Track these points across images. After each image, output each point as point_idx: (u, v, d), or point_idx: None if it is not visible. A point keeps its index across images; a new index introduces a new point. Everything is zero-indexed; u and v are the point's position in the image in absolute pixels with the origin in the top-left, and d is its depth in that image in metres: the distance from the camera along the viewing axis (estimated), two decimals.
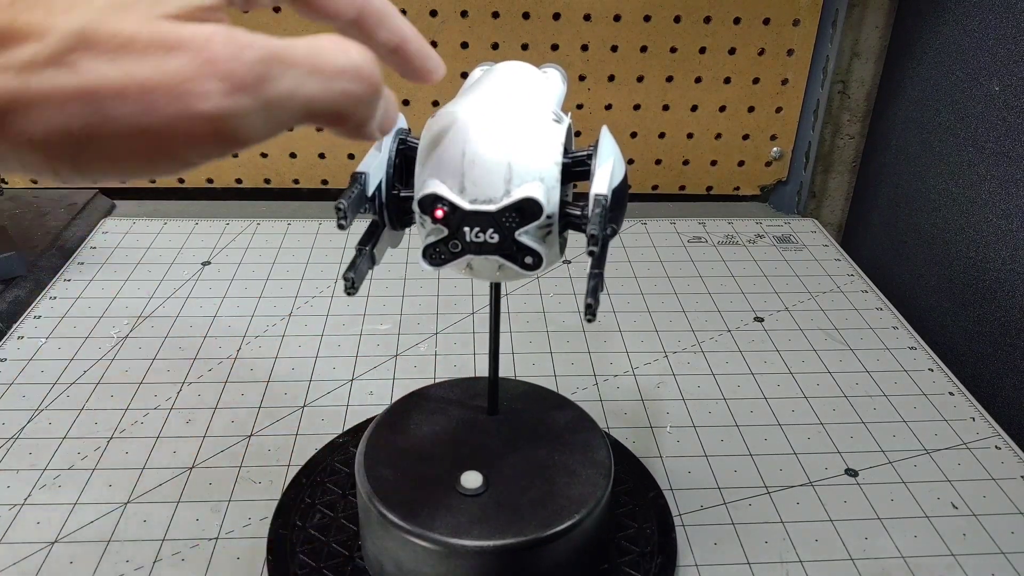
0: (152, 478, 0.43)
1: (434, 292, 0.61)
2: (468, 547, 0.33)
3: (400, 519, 0.34)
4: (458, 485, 0.36)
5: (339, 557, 0.38)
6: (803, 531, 0.41)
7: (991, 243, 0.58)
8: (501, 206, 0.29)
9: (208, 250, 0.66)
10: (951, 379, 0.53)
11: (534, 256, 0.30)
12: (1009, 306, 0.56)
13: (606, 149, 0.30)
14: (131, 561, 0.38)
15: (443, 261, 0.31)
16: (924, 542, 0.41)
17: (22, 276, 0.60)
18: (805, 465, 0.45)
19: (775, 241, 0.70)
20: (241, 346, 0.54)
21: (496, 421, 0.40)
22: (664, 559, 0.38)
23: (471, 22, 0.69)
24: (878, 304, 0.61)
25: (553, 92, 0.35)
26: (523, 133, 0.30)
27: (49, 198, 0.72)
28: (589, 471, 0.36)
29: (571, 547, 0.35)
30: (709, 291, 0.62)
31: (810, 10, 0.70)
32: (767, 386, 0.52)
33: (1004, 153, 0.57)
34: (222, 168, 0.75)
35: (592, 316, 0.27)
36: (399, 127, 0.32)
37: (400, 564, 0.35)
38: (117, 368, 0.52)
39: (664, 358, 0.54)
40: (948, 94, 0.64)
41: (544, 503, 0.35)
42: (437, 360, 0.53)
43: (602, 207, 0.28)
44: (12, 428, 0.47)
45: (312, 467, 0.44)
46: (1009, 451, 0.47)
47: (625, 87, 0.73)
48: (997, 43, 0.58)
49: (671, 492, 0.43)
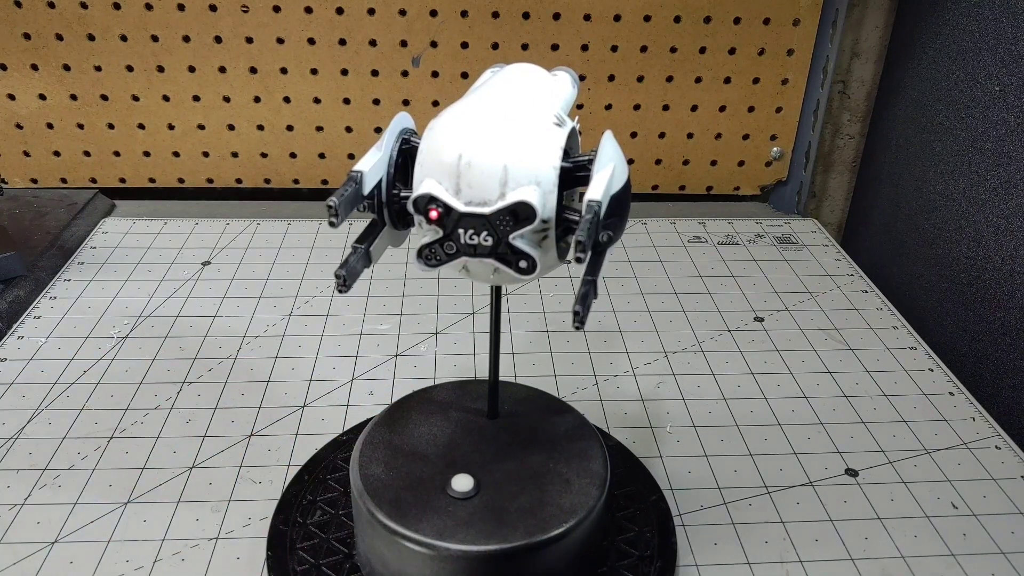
0: (152, 478, 0.43)
1: (434, 292, 0.61)
2: (453, 550, 0.33)
3: (387, 518, 0.34)
4: (449, 488, 0.36)
5: (338, 554, 0.38)
6: (803, 531, 0.41)
7: (991, 243, 0.58)
8: (495, 209, 0.29)
9: (208, 250, 0.66)
10: (951, 379, 0.53)
11: (528, 260, 0.30)
12: (1009, 306, 0.56)
13: (606, 154, 0.30)
14: (131, 561, 0.38)
15: (438, 262, 0.31)
16: (924, 542, 0.41)
17: (22, 276, 0.60)
18: (805, 465, 0.45)
19: (775, 241, 0.70)
20: (241, 346, 0.54)
21: (495, 425, 0.40)
22: (664, 563, 0.38)
23: (471, 22, 0.69)
24: (878, 304, 0.61)
25: (560, 96, 0.35)
26: (521, 136, 0.30)
27: (49, 198, 0.72)
28: (583, 481, 0.36)
29: (559, 556, 0.34)
30: (709, 291, 0.62)
31: (810, 10, 0.70)
32: (767, 386, 0.52)
33: (1004, 153, 0.57)
34: (222, 168, 0.75)
35: (580, 324, 0.27)
36: (403, 127, 0.32)
37: (387, 563, 0.35)
38: (117, 368, 0.52)
39: (664, 358, 0.54)
40: (948, 94, 0.64)
41: (534, 511, 0.35)
42: (437, 360, 0.53)
43: (594, 213, 0.28)
44: (12, 428, 0.47)
45: (314, 464, 0.44)
46: (1009, 451, 0.47)
47: (625, 87, 0.73)
48: (997, 43, 0.58)
49: (671, 492, 0.43)
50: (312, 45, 0.70)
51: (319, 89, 0.72)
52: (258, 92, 0.72)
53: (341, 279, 0.29)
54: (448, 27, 0.69)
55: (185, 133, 0.73)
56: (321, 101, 0.72)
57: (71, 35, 0.68)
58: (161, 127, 0.73)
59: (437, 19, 0.69)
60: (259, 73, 0.71)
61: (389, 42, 0.70)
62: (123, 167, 0.75)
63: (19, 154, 0.74)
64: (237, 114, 0.73)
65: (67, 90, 0.71)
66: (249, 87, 0.71)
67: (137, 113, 0.72)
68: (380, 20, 0.69)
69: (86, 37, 0.68)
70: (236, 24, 0.68)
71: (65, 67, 0.70)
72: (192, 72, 0.70)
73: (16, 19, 0.67)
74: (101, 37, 0.69)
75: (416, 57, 0.70)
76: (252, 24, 0.68)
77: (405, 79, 0.72)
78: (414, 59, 0.71)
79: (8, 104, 0.71)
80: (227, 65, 0.70)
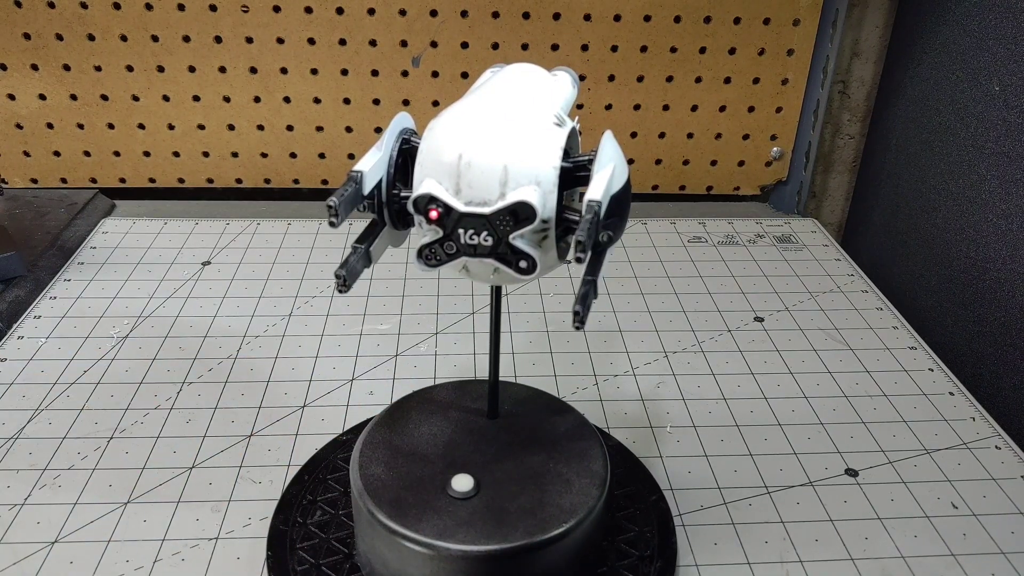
0: (152, 478, 0.43)
1: (434, 292, 0.61)
2: (452, 550, 0.33)
3: (387, 518, 0.34)
4: (449, 488, 0.36)
5: (338, 554, 0.38)
6: (803, 531, 0.41)
7: (991, 243, 0.58)
8: (495, 209, 0.29)
9: (208, 250, 0.66)
10: (951, 379, 0.53)
11: (528, 260, 0.30)
12: (1009, 306, 0.56)
13: (606, 154, 0.30)
14: (131, 561, 0.38)
15: (438, 262, 0.31)
16: (924, 542, 0.41)
17: (22, 276, 0.60)
18: (805, 465, 0.45)
19: (775, 241, 0.70)
20: (241, 346, 0.54)
21: (495, 425, 0.40)
22: (664, 563, 0.38)
23: (471, 22, 0.69)
24: (878, 304, 0.61)
25: (560, 96, 0.35)
26: (521, 136, 0.30)
27: (49, 198, 0.72)
28: (583, 481, 0.36)
29: (558, 556, 0.35)
30: (709, 291, 0.62)
31: (810, 10, 0.70)
32: (767, 386, 0.52)
33: (1004, 153, 0.57)
34: (222, 168, 0.75)
35: (580, 324, 0.27)
36: (404, 127, 0.32)
37: (387, 563, 0.35)
38: (117, 368, 0.52)
39: (664, 358, 0.54)
40: (948, 94, 0.64)
41: (534, 511, 0.35)
42: (437, 360, 0.53)
43: (594, 213, 0.28)
44: (12, 428, 0.47)
45: (314, 464, 0.44)
46: (1009, 451, 0.47)
47: (625, 87, 0.73)
48: (997, 43, 0.58)
49: (671, 492, 0.43)
50: (312, 45, 0.70)
51: (319, 89, 0.72)
52: (258, 92, 0.72)
53: (341, 279, 0.29)
54: (448, 27, 0.69)
55: (185, 133, 0.73)
56: (321, 101, 0.72)
57: (71, 35, 0.68)
58: (161, 127, 0.73)
59: (437, 19, 0.69)
60: (259, 73, 0.71)
61: (389, 42, 0.70)
62: (123, 167, 0.75)
63: (19, 154, 0.74)
64: (237, 114, 0.73)
65: (67, 90, 0.71)
66: (249, 87, 0.71)
67: (137, 113, 0.72)
68: (380, 20, 0.69)
69: (86, 37, 0.68)
70: (236, 24, 0.68)
71: (65, 67, 0.70)
72: (192, 72, 0.70)
73: (16, 19, 0.67)
74: (101, 37, 0.69)
75: (416, 57, 0.70)
76: (252, 24, 0.68)
77: (405, 79, 0.72)
78: (414, 59, 0.71)
79: (8, 104, 0.71)
80: (227, 65, 0.70)
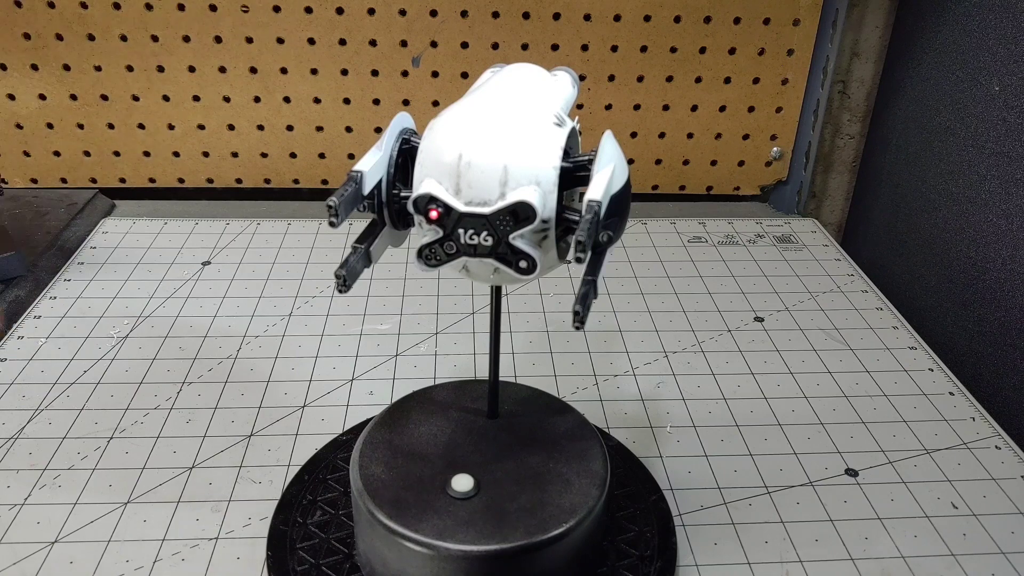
0: (152, 478, 0.43)
1: (434, 292, 0.61)
2: (452, 550, 0.33)
3: (387, 518, 0.34)
4: (449, 488, 0.36)
5: (338, 554, 0.38)
6: (803, 531, 0.41)
7: (991, 243, 0.58)
8: (495, 209, 0.29)
9: (208, 250, 0.66)
10: (951, 379, 0.53)
11: (528, 260, 0.30)
12: (1009, 306, 0.56)
13: (606, 154, 0.30)
14: (131, 561, 0.38)
15: (438, 262, 0.31)
16: (924, 542, 0.41)
17: (22, 276, 0.60)
18: (805, 465, 0.45)
19: (775, 241, 0.70)
20: (241, 346, 0.54)
21: (495, 425, 0.40)
22: (664, 563, 0.38)
23: (471, 22, 0.69)
24: (878, 304, 0.61)
25: (560, 96, 0.35)
26: (521, 136, 0.30)
27: (49, 198, 0.72)
28: (583, 481, 0.36)
29: (559, 556, 0.35)
30: (709, 291, 0.62)
31: (810, 10, 0.70)
32: (767, 386, 0.52)
33: (1004, 153, 0.57)
34: (222, 168, 0.75)
35: (580, 324, 0.27)
36: (404, 127, 0.32)
37: (387, 563, 0.35)
38: (117, 368, 0.52)
39: (664, 358, 0.54)
40: (948, 94, 0.64)
41: (534, 511, 0.35)
42: (437, 360, 0.53)
43: (594, 213, 0.28)
44: (12, 428, 0.47)
45: (314, 464, 0.44)
46: (1009, 451, 0.47)
47: (625, 87, 0.73)
48: (997, 43, 0.58)
49: (671, 492, 0.43)
50: (312, 45, 0.70)
51: (319, 89, 0.72)
52: (258, 92, 0.72)
53: (341, 279, 0.29)
54: (448, 27, 0.69)
55: (185, 133, 0.73)
56: (321, 101, 0.72)
57: (71, 35, 0.68)
58: (161, 127, 0.73)
59: (437, 19, 0.69)
60: (259, 73, 0.71)
61: (389, 42, 0.70)
62: (123, 167, 0.75)
63: (19, 154, 0.74)
64: (237, 114, 0.73)
65: (67, 90, 0.71)
66: (249, 87, 0.71)
67: (137, 113, 0.72)
68: (380, 20, 0.69)
69: (86, 37, 0.68)
70: (236, 24, 0.68)
71: (65, 67, 0.70)
72: (192, 72, 0.70)
73: (16, 19, 0.67)
74: (101, 37, 0.69)
75: (416, 57, 0.70)
76: (252, 24, 0.68)
77: (405, 79, 0.72)
78: (414, 59, 0.71)
79: (8, 104, 0.71)
80: (227, 65, 0.70)
